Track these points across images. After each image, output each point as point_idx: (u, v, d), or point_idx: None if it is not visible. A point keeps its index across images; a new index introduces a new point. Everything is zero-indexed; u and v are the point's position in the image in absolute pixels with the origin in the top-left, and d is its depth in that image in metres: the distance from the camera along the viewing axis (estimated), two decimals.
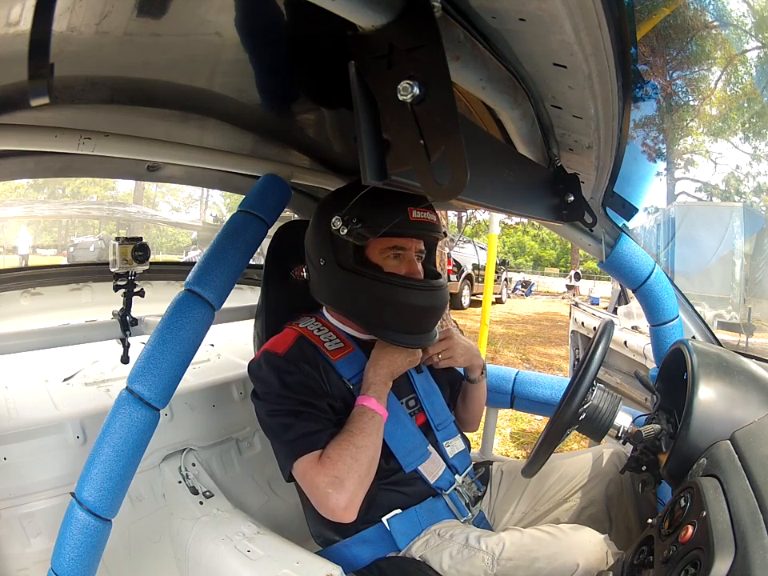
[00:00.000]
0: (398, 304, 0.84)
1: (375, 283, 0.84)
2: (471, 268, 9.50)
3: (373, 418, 0.83)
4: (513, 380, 1.31)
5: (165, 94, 0.80)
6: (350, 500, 0.77)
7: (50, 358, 1.31)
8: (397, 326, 0.87)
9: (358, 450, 0.79)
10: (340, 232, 0.82)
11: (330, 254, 0.86)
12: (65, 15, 0.53)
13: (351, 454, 0.78)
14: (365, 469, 0.79)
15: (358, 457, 0.78)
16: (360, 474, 0.78)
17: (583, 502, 0.96)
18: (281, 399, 0.84)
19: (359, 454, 0.79)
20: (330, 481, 0.77)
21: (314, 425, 0.82)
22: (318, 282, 0.91)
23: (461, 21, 0.49)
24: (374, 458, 0.81)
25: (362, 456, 0.79)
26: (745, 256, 4.73)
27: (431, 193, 0.42)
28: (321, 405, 0.84)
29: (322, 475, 0.77)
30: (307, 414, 0.82)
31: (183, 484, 1.07)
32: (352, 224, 0.81)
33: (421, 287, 0.87)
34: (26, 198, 13.68)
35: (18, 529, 0.95)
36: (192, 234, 15.85)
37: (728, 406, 0.72)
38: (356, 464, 0.78)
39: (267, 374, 0.86)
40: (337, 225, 0.82)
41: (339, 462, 0.78)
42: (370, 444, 0.80)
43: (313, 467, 0.79)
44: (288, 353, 0.88)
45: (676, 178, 10.41)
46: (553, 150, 0.87)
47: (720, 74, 7.35)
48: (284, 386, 0.84)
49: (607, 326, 0.90)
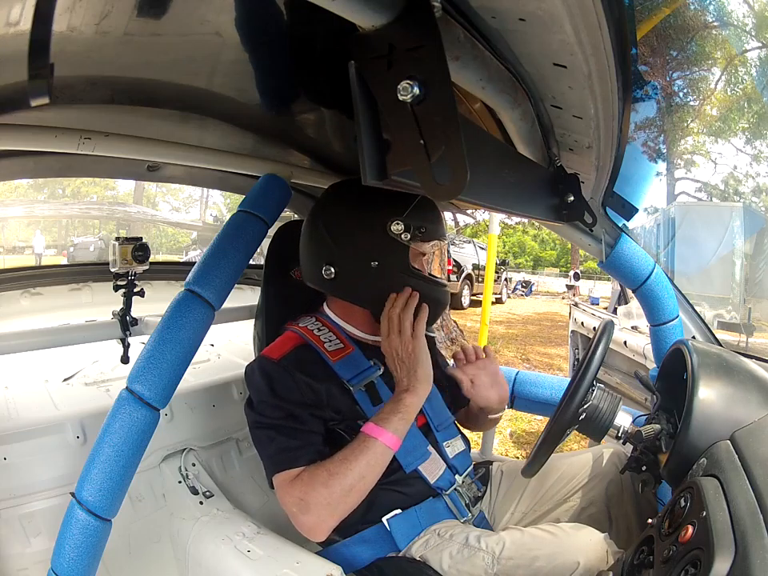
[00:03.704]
0: (433, 302, 0.91)
1: (423, 285, 0.89)
2: (471, 268, 9.50)
3: (370, 447, 0.78)
4: (513, 380, 1.30)
5: (165, 93, 0.80)
6: (315, 523, 0.77)
7: (50, 358, 1.31)
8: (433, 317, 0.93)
9: (331, 476, 0.76)
10: (402, 237, 0.85)
11: (386, 256, 0.87)
12: (65, 15, 0.53)
13: (322, 480, 0.76)
14: (336, 496, 0.76)
15: (329, 483, 0.76)
16: (329, 501, 0.76)
17: (583, 502, 0.96)
18: (267, 409, 0.83)
19: (331, 480, 0.76)
20: (295, 502, 0.77)
21: (293, 441, 0.81)
22: (355, 282, 0.89)
23: (461, 21, 0.49)
24: (354, 486, 0.77)
25: (335, 483, 0.76)
26: (745, 256, 4.73)
27: (431, 193, 0.42)
28: (307, 418, 0.83)
29: (289, 495, 0.78)
30: (289, 429, 0.82)
31: (183, 484, 1.07)
32: (415, 230, 0.85)
33: (444, 285, 0.95)
34: (25, 197, 13.68)
35: (18, 529, 0.94)
36: (192, 234, 15.87)
37: (728, 406, 0.72)
38: (326, 490, 0.76)
39: (258, 380, 0.86)
40: (398, 229, 0.84)
41: (308, 485, 0.77)
42: (348, 472, 0.77)
43: (285, 485, 0.79)
44: (283, 359, 0.87)
45: (676, 177, 10.41)
46: (553, 150, 0.87)
47: (720, 74, 7.36)
48: (273, 395, 0.84)
49: (607, 326, 0.90)
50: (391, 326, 0.85)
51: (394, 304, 0.86)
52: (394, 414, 0.80)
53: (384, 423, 0.80)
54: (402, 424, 0.80)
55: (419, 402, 0.83)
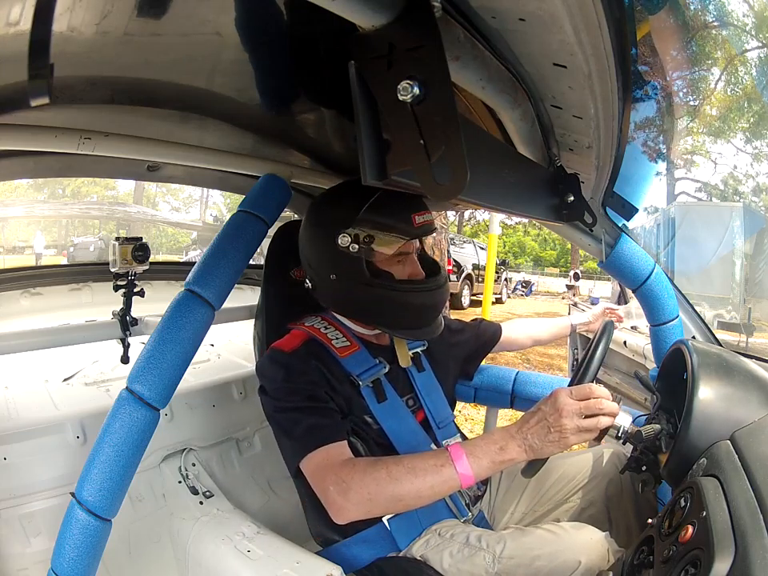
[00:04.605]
0: (413, 306, 0.87)
1: (392, 293, 0.85)
2: (471, 268, 9.50)
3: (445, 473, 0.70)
4: (513, 380, 1.30)
5: (165, 93, 0.80)
6: (347, 509, 0.72)
7: (50, 358, 1.31)
8: (415, 324, 0.90)
9: (390, 478, 0.71)
10: (350, 249, 0.82)
11: (342, 269, 0.85)
12: (65, 15, 0.53)
13: (379, 477, 0.71)
14: (383, 498, 0.71)
15: (383, 483, 0.71)
16: (372, 498, 0.71)
17: (583, 502, 0.96)
18: (287, 395, 0.83)
19: (388, 482, 0.71)
20: (337, 480, 0.73)
21: (323, 420, 0.80)
22: (327, 293, 0.91)
23: (461, 21, 0.49)
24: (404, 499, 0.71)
25: (389, 486, 0.70)
26: (745, 256, 4.73)
27: (431, 193, 0.42)
28: (327, 398, 0.83)
29: (332, 473, 0.74)
30: (314, 408, 0.81)
31: (183, 484, 1.07)
32: (362, 242, 0.82)
33: (428, 288, 0.89)
34: (26, 197, 13.69)
35: (18, 529, 0.95)
36: (192, 234, 15.86)
37: (728, 406, 0.72)
38: (375, 487, 0.71)
39: (274, 370, 0.86)
40: (345, 242, 0.83)
41: (359, 473, 0.72)
42: (408, 485, 0.70)
43: (324, 464, 0.75)
44: (295, 351, 0.88)
45: (676, 177, 10.41)
46: (553, 150, 0.87)
47: (720, 74, 7.36)
48: (290, 380, 0.83)
49: (607, 326, 0.90)
50: (587, 408, 0.69)
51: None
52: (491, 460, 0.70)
53: (473, 461, 0.70)
54: (486, 471, 0.71)
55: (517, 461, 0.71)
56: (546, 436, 0.69)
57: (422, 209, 0.86)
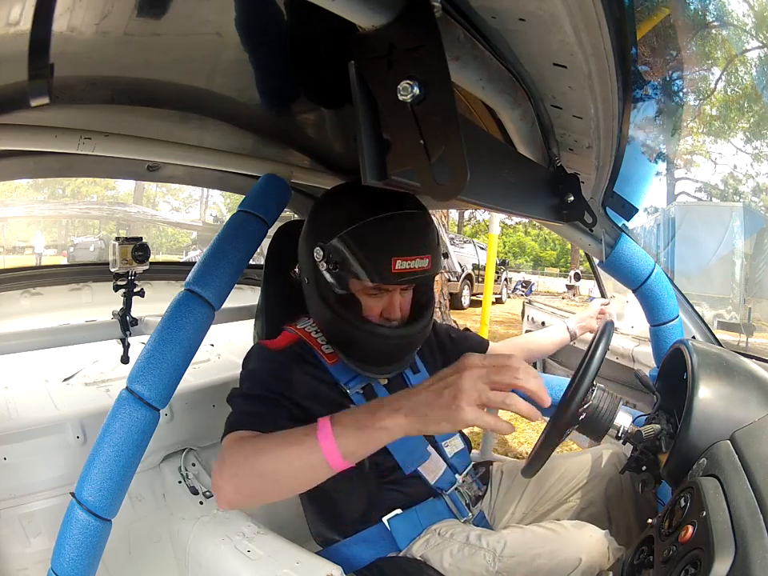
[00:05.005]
0: (368, 349, 0.84)
1: (350, 327, 0.82)
2: (471, 268, 9.50)
3: (306, 444, 0.59)
4: None
5: (165, 93, 0.80)
6: (220, 488, 0.65)
7: (50, 358, 1.31)
8: (372, 362, 0.87)
9: (255, 450, 0.64)
10: (320, 265, 0.80)
11: (312, 277, 0.84)
12: (65, 15, 0.53)
13: (247, 451, 0.65)
14: (246, 474, 0.63)
15: (249, 456, 0.64)
16: (237, 473, 0.64)
17: (583, 502, 0.96)
18: (247, 382, 0.82)
19: (254, 455, 0.64)
20: (219, 460, 0.67)
21: (261, 409, 0.75)
22: (305, 294, 0.91)
23: (461, 21, 0.49)
24: (265, 474, 0.62)
25: (249, 459, 0.63)
26: (745, 256, 4.73)
27: (431, 193, 0.42)
28: (286, 404, 0.78)
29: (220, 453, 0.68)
30: (256, 398, 0.77)
31: (183, 484, 1.07)
32: (331, 264, 0.78)
33: (394, 335, 0.82)
34: (26, 197, 13.69)
35: (18, 529, 0.95)
36: (192, 234, 15.87)
37: (728, 406, 0.72)
38: (242, 461, 0.64)
39: (251, 361, 0.86)
40: (318, 256, 0.80)
41: (236, 450, 0.66)
42: (271, 456, 0.62)
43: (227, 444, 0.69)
44: (278, 350, 0.87)
45: (676, 177, 10.42)
46: (553, 150, 0.87)
47: (720, 74, 7.36)
48: (259, 372, 0.83)
49: (607, 326, 0.90)
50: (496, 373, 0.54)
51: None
52: (359, 425, 0.57)
53: (338, 428, 0.58)
54: (353, 439, 0.57)
55: (397, 434, 0.56)
56: (435, 400, 0.54)
57: (413, 252, 0.77)
